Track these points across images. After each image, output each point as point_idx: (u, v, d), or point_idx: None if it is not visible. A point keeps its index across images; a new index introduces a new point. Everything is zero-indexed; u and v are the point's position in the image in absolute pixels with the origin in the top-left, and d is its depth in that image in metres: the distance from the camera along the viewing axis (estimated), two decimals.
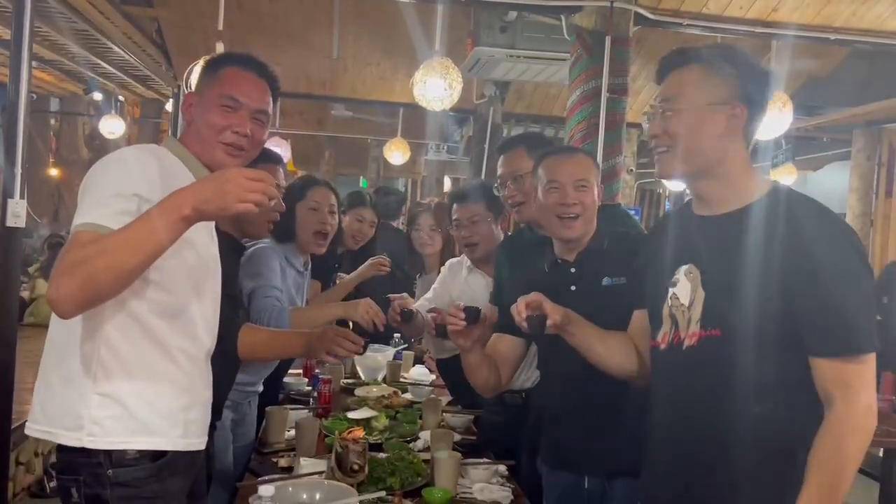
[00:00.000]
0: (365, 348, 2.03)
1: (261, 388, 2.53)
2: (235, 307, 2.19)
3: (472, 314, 1.89)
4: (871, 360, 1.36)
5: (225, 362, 1.87)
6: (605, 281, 1.92)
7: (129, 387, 1.47)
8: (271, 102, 1.67)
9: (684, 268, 1.52)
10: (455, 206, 2.80)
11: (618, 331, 1.79)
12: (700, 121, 1.46)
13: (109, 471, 1.45)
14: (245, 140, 1.60)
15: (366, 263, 3.35)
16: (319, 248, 2.64)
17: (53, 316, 1.51)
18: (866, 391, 1.35)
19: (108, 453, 1.45)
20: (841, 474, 1.34)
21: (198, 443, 1.60)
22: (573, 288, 1.96)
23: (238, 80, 1.61)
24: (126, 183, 1.42)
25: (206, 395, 1.65)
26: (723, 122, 1.46)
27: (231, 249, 1.95)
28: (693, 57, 1.50)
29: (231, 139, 1.59)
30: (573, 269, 1.98)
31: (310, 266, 2.78)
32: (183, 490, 1.58)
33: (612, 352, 1.77)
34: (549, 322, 1.72)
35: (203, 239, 1.60)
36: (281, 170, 2.30)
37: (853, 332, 1.35)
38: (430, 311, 2.44)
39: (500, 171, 2.49)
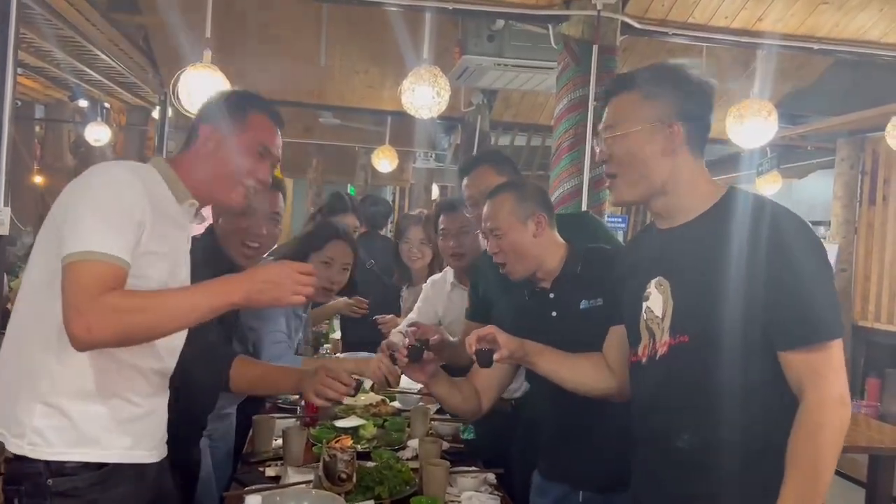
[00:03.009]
0: (356, 391, 2.02)
1: (233, 410, 2.51)
2: (227, 333, 2.16)
3: (415, 353, 1.91)
4: (837, 346, 1.39)
5: (207, 385, 1.87)
6: (583, 304, 1.94)
7: (75, 397, 1.46)
8: None
9: (654, 281, 1.55)
10: (443, 216, 2.79)
11: (589, 352, 1.81)
12: (639, 143, 1.51)
13: (49, 480, 1.43)
14: (261, 185, 1.67)
15: (343, 300, 3.35)
16: (323, 300, 2.64)
17: (12, 319, 1.52)
18: (837, 379, 1.37)
19: (46, 463, 1.43)
20: (819, 466, 1.35)
21: (147, 455, 1.57)
22: (554, 314, 1.98)
23: (270, 132, 1.67)
24: (128, 210, 1.43)
25: (161, 407, 1.62)
26: (661, 142, 1.51)
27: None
28: (630, 83, 1.55)
29: (251, 183, 1.64)
30: (552, 295, 2.00)
31: (309, 309, 2.76)
32: (129, 499, 1.54)
33: (581, 375, 1.80)
34: (495, 357, 1.74)
35: (179, 254, 1.60)
36: (281, 196, 2.29)
37: (818, 320, 1.38)
38: (411, 325, 2.43)
39: (466, 192, 2.43)
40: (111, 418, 1.50)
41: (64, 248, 1.37)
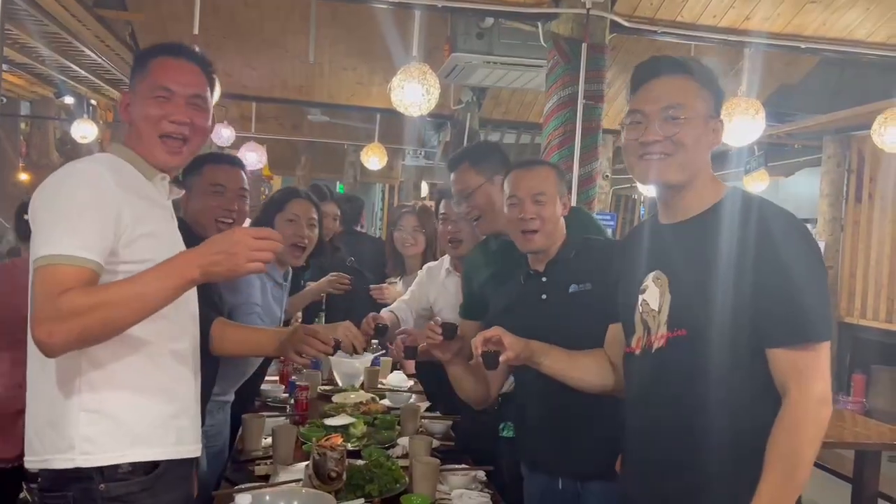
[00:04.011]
0: (336, 349, 2.01)
1: (231, 398, 2.50)
2: (216, 311, 2.16)
3: (450, 330, 1.94)
4: (825, 348, 1.40)
5: (205, 362, 1.85)
6: (572, 288, 1.98)
7: (116, 398, 1.44)
8: (208, 86, 1.63)
9: (652, 274, 1.57)
10: (443, 201, 2.81)
11: (591, 349, 1.83)
12: (702, 131, 1.53)
13: (101, 485, 1.41)
14: (185, 128, 1.55)
15: (325, 278, 3.34)
16: (296, 261, 2.62)
17: (29, 343, 1.47)
18: (821, 380, 1.39)
19: (99, 468, 1.41)
20: (797, 463, 1.36)
21: (192, 449, 1.57)
22: (544, 297, 2.02)
23: (167, 68, 1.56)
24: (97, 204, 1.39)
25: (196, 397, 1.61)
26: (712, 135, 1.54)
27: None
28: (685, 68, 1.56)
29: (169, 129, 1.54)
30: (544, 279, 2.04)
31: (290, 277, 2.75)
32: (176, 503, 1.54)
33: (586, 373, 1.81)
34: (501, 358, 1.74)
35: (168, 231, 1.58)
36: (243, 173, 2.30)
37: (808, 321, 1.39)
38: (400, 332, 2.43)
39: (452, 188, 2.48)
40: (155, 414, 1.48)
41: (33, 254, 1.35)
